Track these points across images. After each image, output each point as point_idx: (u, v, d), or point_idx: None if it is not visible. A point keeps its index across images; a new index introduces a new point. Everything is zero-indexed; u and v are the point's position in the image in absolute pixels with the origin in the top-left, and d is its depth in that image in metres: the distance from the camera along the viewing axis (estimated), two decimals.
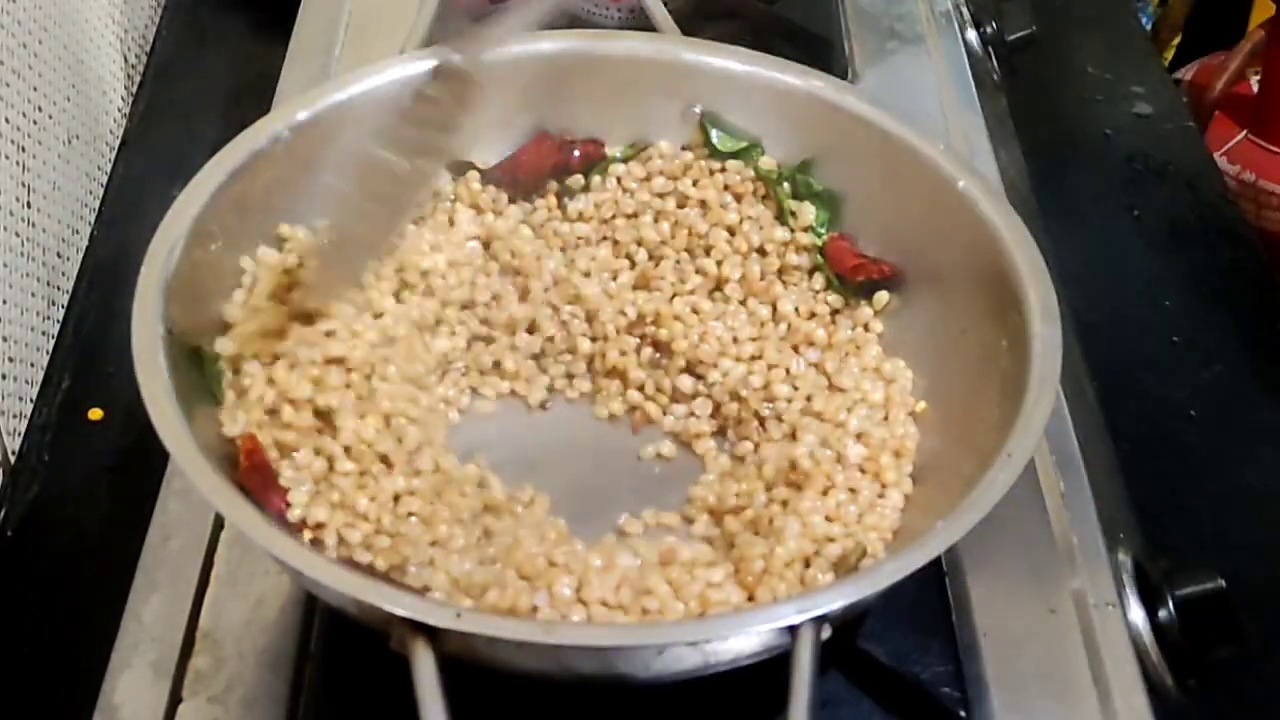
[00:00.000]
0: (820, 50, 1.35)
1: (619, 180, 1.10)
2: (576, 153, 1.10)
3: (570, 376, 1.05)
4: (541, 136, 1.10)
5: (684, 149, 1.11)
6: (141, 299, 0.88)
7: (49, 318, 1.22)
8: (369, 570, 0.87)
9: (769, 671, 0.78)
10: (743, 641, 0.78)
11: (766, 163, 1.09)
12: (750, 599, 0.88)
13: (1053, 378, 0.87)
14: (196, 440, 0.82)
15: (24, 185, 1.18)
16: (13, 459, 1.12)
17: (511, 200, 1.09)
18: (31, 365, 1.17)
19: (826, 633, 0.76)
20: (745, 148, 1.09)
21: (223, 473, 0.82)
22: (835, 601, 0.76)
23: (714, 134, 1.10)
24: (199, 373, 0.91)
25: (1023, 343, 0.90)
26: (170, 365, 0.85)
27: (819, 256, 1.05)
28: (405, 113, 1.00)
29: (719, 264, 1.07)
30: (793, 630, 0.75)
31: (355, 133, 1.02)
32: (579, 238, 1.09)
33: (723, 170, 1.09)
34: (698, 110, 1.10)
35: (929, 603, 0.95)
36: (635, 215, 1.09)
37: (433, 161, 1.02)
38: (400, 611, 0.74)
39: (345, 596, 0.77)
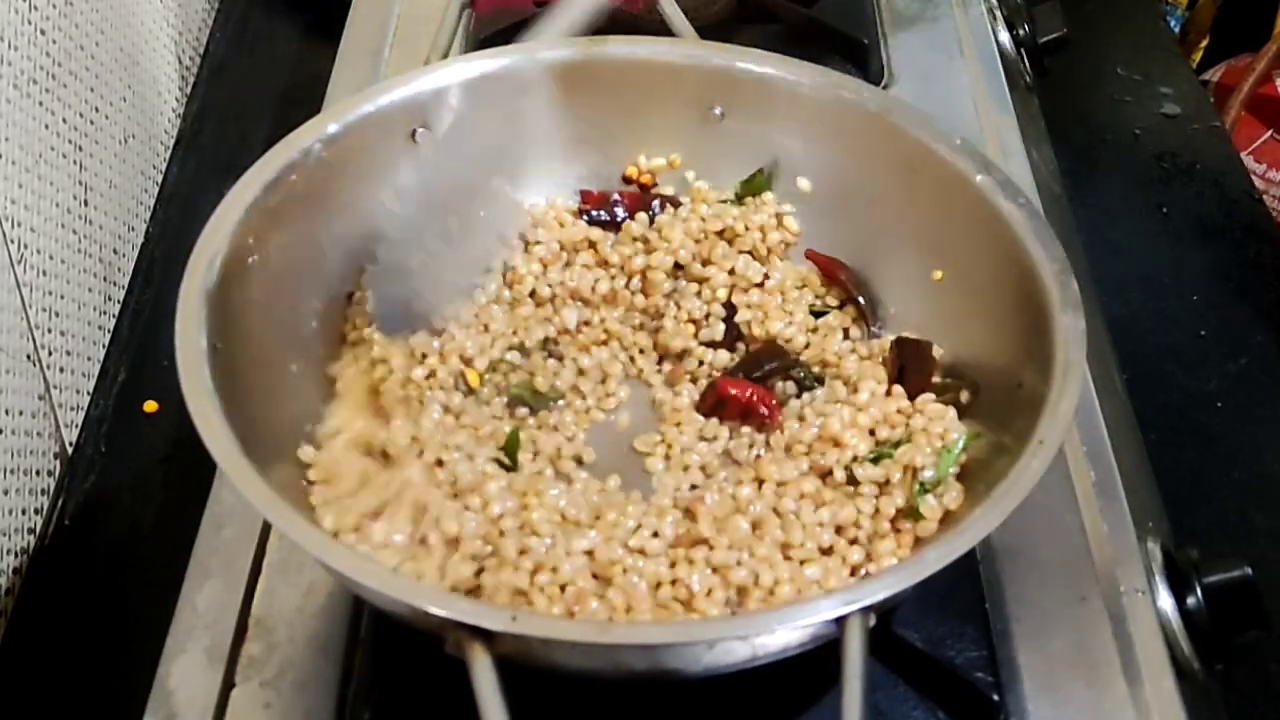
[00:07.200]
0: (857, 53, 1.36)
1: None
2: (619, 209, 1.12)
3: None
4: (585, 193, 1.12)
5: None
6: (184, 316, 0.88)
7: (105, 313, 1.24)
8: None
9: (806, 662, 0.81)
10: (791, 634, 0.78)
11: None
12: None
13: (1078, 364, 0.88)
14: (245, 453, 0.82)
15: (81, 184, 1.20)
16: (70, 450, 1.15)
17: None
18: (88, 359, 1.20)
19: (872, 621, 0.77)
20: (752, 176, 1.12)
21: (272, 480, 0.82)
22: (880, 592, 0.77)
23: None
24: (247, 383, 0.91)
25: (1047, 331, 0.91)
26: (215, 377, 0.86)
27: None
28: None
29: None
30: (840, 621, 0.76)
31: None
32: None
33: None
34: (718, 112, 1.11)
35: (963, 590, 0.96)
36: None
37: None
38: (457, 616, 0.75)
39: (399, 603, 0.77)
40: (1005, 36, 1.49)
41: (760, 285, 1.08)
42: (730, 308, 1.07)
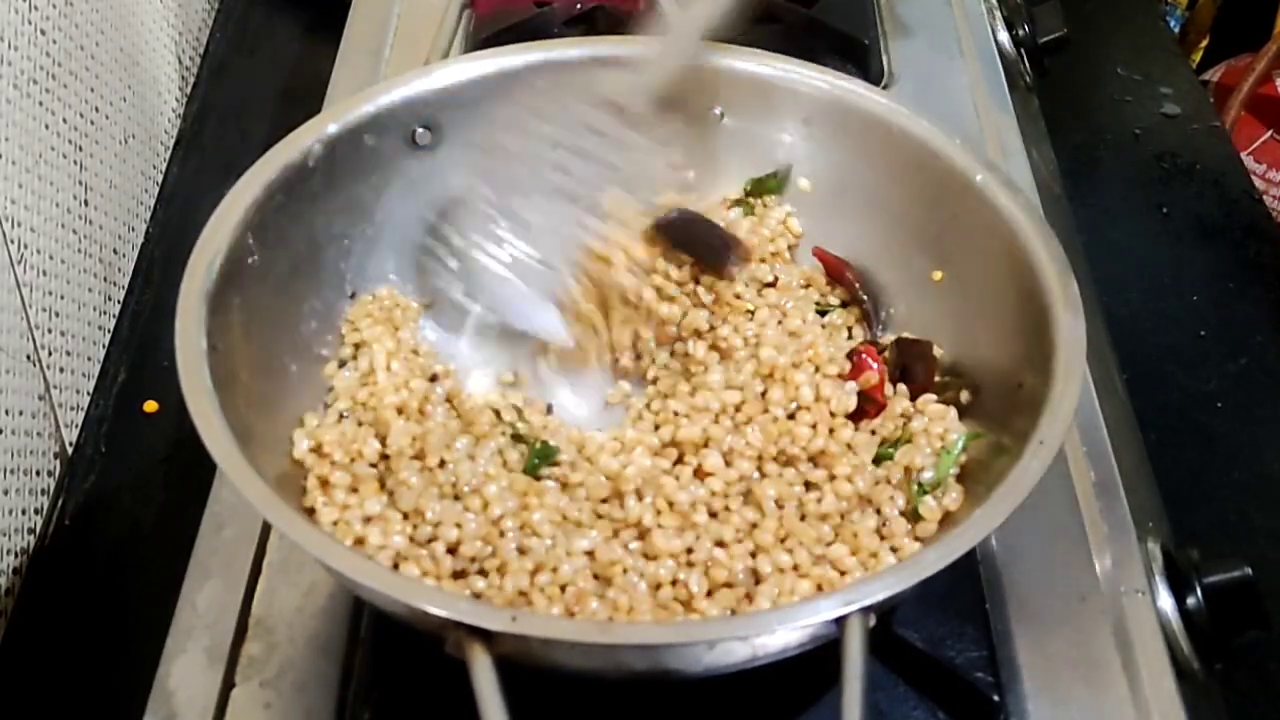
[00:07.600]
0: (856, 53, 1.36)
1: None
2: None
3: None
4: None
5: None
6: (184, 316, 0.87)
7: (106, 313, 1.24)
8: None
9: (806, 662, 0.80)
10: (791, 634, 0.78)
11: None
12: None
13: (1078, 364, 0.87)
14: (245, 453, 0.81)
15: (81, 184, 1.20)
16: (70, 450, 1.15)
17: None
18: (89, 359, 1.20)
19: (872, 621, 0.76)
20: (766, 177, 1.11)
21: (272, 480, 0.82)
22: (879, 593, 0.76)
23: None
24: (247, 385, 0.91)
25: (1047, 331, 0.90)
26: (215, 377, 0.85)
27: None
28: None
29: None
30: (840, 621, 0.76)
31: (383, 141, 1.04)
32: None
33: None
34: (718, 112, 1.11)
35: (963, 590, 0.96)
36: None
37: None
38: (457, 616, 0.74)
39: (399, 603, 0.77)
40: (1005, 36, 1.49)
41: (773, 285, 1.07)
42: None
